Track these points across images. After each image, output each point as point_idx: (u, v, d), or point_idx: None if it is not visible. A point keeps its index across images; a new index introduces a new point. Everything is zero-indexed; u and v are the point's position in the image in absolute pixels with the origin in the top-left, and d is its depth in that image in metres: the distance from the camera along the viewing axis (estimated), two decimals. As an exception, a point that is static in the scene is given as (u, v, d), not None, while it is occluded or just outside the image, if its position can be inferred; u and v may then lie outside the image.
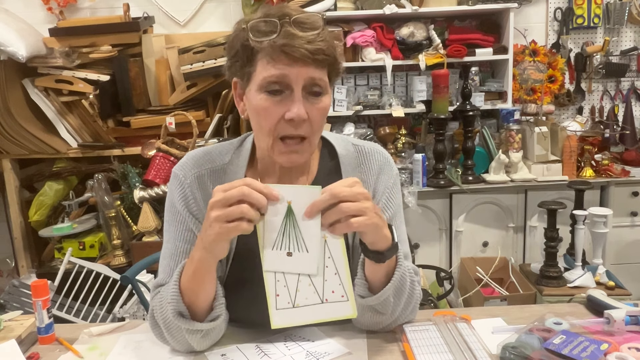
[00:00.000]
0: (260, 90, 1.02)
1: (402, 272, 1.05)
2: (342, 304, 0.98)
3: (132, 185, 2.77)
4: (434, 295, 2.66)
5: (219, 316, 1.05)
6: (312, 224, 0.96)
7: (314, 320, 0.99)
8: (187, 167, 1.16)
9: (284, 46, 0.97)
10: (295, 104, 1.00)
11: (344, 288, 0.98)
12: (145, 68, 2.99)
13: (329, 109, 1.08)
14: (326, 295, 0.98)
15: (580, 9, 3.29)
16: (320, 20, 1.01)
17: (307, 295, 0.98)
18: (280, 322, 0.98)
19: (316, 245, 0.96)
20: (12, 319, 1.20)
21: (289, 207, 0.96)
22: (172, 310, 1.01)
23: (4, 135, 2.85)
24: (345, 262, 0.98)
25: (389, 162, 1.21)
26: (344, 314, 0.99)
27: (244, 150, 1.17)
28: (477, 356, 0.99)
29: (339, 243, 0.97)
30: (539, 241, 2.57)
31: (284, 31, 0.98)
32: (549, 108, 3.19)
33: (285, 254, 0.97)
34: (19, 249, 3.02)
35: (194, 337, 1.03)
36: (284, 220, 0.96)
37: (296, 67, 0.99)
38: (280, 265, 0.97)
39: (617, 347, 0.98)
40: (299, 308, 0.98)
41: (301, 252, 0.97)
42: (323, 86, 1.04)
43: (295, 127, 1.02)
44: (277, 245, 0.97)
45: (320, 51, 0.99)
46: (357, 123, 3.24)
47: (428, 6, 3.03)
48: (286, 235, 0.96)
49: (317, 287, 0.98)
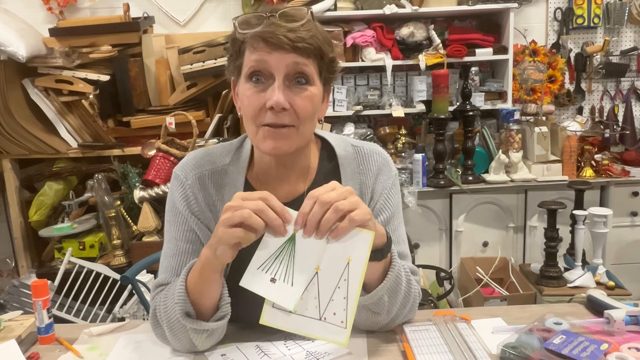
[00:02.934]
0: (246, 79, 1.04)
1: (396, 271, 1.05)
2: (338, 329, 0.96)
3: (132, 185, 2.77)
4: (434, 295, 2.65)
5: (225, 315, 1.05)
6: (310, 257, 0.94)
7: (303, 332, 0.97)
8: (188, 167, 1.16)
9: (264, 33, 0.99)
10: (274, 91, 1.00)
11: (346, 315, 0.96)
12: (145, 68, 2.99)
13: (317, 100, 1.06)
14: (326, 314, 0.96)
15: (580, 9, 3.29)
16: (307, 14, 1.02)
17: (308, 307, 0.96)
18: (269, 321, 0.97)
19: (303, 281, 0.95)
20: (12, 319, 1.20)
21: (294, 235, 0.94)
22: (179, 310, 1.01)
23: (4, 135, 2.85)
24: (357, 292, 0.96)
25: (387, 162, 1.21)
26: (335, 339, 0.96)
27: (244, 151, 1.18)
28: (477, 356, 0.99)
29: (360, 270, 0.95)
30: (539, 241, 2.57)
31: (268, 22, 1.00)
32: (549, 108, 3.19)
33: (269, 278, 0.94)
34: (19, 249, 3.02)
35: (199, 336, 1.03)
36: (283, 246, 0.95)
37: (276, 54, 0.99)
38: (258, 287, 0.94)
39: (617, 347, 0.98)
40: (295, 315, 0.96)
41: (285, 284, 0.94)
42: (308, 74, 1.03)
43: (277, 116, 1.02)
44: (265, 267, 0.95)
45: (301, 39, 0.99)
46: (357, 123, 3.24)
47: (428, 6, 3.04)
48: (277, 261, 0.95)
49: (321, 303, 0.96)
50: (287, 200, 1.14)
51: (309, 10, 1.03)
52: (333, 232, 0.93)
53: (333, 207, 0.92)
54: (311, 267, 0.95)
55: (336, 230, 0.93)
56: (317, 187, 0.95)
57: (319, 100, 1.07)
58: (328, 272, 0.96)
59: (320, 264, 0.95)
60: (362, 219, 0.94)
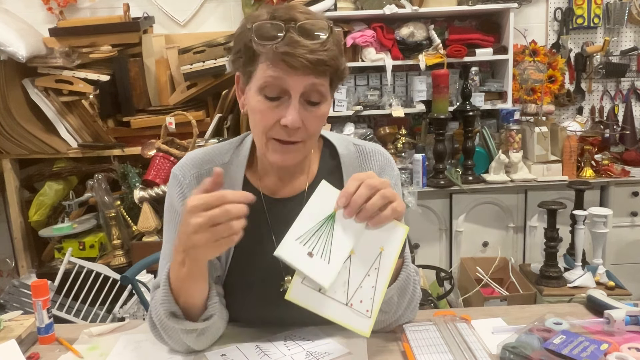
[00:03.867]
0: (259, 92, 1.01)
1: (407, 272, 1.06)
2: (363, 318, 0.95)
3: (132, 185, 2.77)
4: (434, 295, 2.65)
5: (212, 315, 1.04)
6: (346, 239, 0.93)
7: (328, 315, 0.95)
8: (186, 167, 1.15)
9: (285, 54, 0.96)
10: (290, 111, 0.99)
11: (372, 304, 0.95)
12: (145, 68, 2.99)
13: (327, 115, 1.07)
14: (353, 301, 0.95)
15: (580, 9, 3.29)
16: (327, 28, 0.99)
17: (337, 289, 0.95)
18: (296, 297, 0.94)
19: (339, 261, 0.93)
20: (12, 319, 1.20)
21: (334, 214, 0.94)
22: (164, 311, 1.01)
23: (4, 135, 2.85)
24: (386, 283, 0.95)
25: (390, 162, 1.21)
26: (358, 327, 0.95)
27: (243, 149, 1.17)
28: (477, 356, 0.99)
29: (390, 262, 0.95)
30: (539, 241, 2.57)
31: (288, 37, 0.96)
32: (549, 108, 3.19)
33: (307, 252, 0.93)
34: (19, 249, 3.02)
35: (189, 336, 1.03)
36: (323, 222, 0.94)
37: (295, 76, 0.97)
38: (294, 258, 0.92)
39: (617, 347, 0.98)
40: (322, 296, 0.94)
41: (323, 260, 0.93)
42: (323, 94, 1.02)
43: (288, 133, 1.01)
44: (303, 240, 0.93)
45: (322, 62, 0.97)
46: (357, 123, 3.24)
47: (428, 6, 3.04)
48: (316, 236, 0.93)
49: (350, 288, 0.95)
50: (287, 196, 1.15)
51: (329, 25, 1.00)
52: (374, 219, 0.93)
53: (380, 193, 0.92)
54: (346, 249, 0.94)
55: (378, 217, 0.93)
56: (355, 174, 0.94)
57: (328, 113, 1.07)
58: (361, 257, 0.95)
59: (355, 248, 0.95)
60: (402, 211, 0.94)
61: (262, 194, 1.14)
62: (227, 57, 2.87)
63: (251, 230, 1.10)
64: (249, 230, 0.94)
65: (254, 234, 1.11)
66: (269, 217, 1.13)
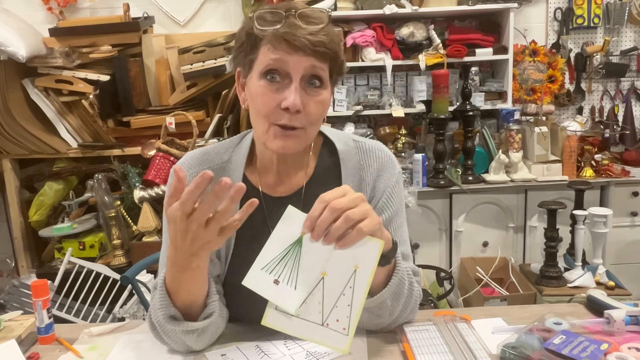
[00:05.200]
0: (260, 76, 1.03)
1: (400, 275, 1.04)
2: (340, 336, 0.95)
3: (132, 185, 2.77)
4: (434, 295, 2.66)
5: (213, 313, 1.04)
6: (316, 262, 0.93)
7: (304, 336, 0.96)
8: (185, 166, 1.15)
9: (286, 34, 0.99)
10: (291, 92, 1.00)
11: (349, 322, 0.95)
12: (145, 68, 2.99)
13: (328, 104, 1.07)
14: (329, 320, 0.95)
15: (580, 9, 3.29)
16: (326, 17, 1.03)
17: (311, 311, 0.95)
18: (272, 322, 0.95)
19: (307, 286, 0.94)
20: (12, 319, 1.20)
21: (300, 238, 0.93)
22: (162, 315, 1.01)
23: (4, 135, 2.85)
24: (362, 300, 0.94)
25: (391, 160, 1.20)
26: (337, 345, 0.95)
27: (243, 147, 1.17)
28: (477, 356, 0.99)
29: (366, 279, 0.94)
30: (539, 241, 2.57)
31: (288, 22, 0.99)
32: (549, 108, 3.19)
33: (272, 279, 0.93)
34: (19, 249, 3.02)
35: (190, 337, 1.03)
36: (290, 248, 0.93)
37: (296, 56, 1.00)
38: (260, 287, 0.93)
39: (617, 347, 0.98)
40: (297, 319, 0.95)
41: (289, 286, 0.93)
42: (323, 79, 1.04)
43: (289, 117, 1.02)
44: (269, 268, 0.93)
45: (322, 43, 1.00)
46: (357, 123, 3.24)
47: (428, 6, 3.04)
48: (282, 263, 0.93)
49: (325, 308, 0.95)
50: (285, 194, 1.15)
51: (328, 13, 1.04)
52: (340, 241, 0.92)
53: (344, 216, 0.90)
54: (317, 271, 0.94)
55: (344, 239, 0.91)
56: (329, 190, 0.92)
57: (328, 103, 1.08)
58: (334, 278, 0.94)
59: (327, 269, 0.94)
60: (370, 230, 0.92)
61: (261, 192, 1.15)
62: (227, 57, 2.88)
63: (250, 229, 1.10)
64: (248, 229, 0.94)
65: (253, 233, 1.11)
66: (268, 216, 1.13)
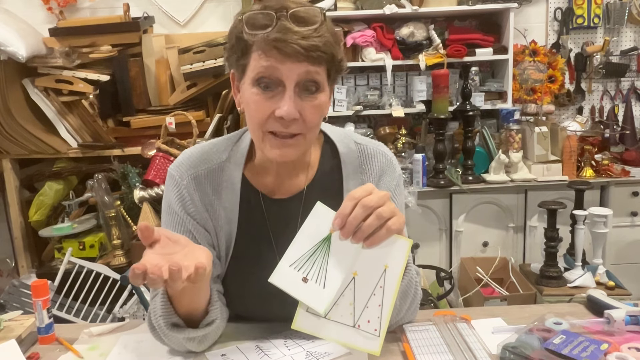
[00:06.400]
0: (253, 84, 0.99)
1: (410, 276, 1.05)
2: (372, 338, 0.93)
3: (132, 185, 2.77)
4: (434, 295, 2.66)
5: (215, 320, 1.04)
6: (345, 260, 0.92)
7: (336, 339, 0.94)
8: (183, 167, 1.12)
9: (276, 41, 0.93)
10: (285, 101, 0.96)
11: (380, 323, 0.93)
12: (145, 68, 2.99)
13: (326, 106, 1.03)
14: (360, 322, 0.94)
15: (580, 9, 3.29)
16: (320, 15, 0.97)
17: (343, 313, 0.94)
18: (302, 326, 0.93)
19: (336, 285, 0.92)
20: (12, 319, 1.20)
21: (329, 235, 0.92)
22: (164, 322, 1.00)
23: (4, 135, 2.85)
24: (393, 300, 0.93)
25: (391, 163, 1.18)
26: (368, 347, 0.93)
27: (241, 146, 1.14)
28: (477, 356, 0.99)
29: (396, 278, 0.93)
30: (539, 241, 2.57)
31: (279, 25, 0.94)
32: (549, 108, 3.19)
33: (301, 277, 0.91)
34: (19, 249, 3.02)
35: (192, 343, 1.03)
36: (319, 246, 0.92)
37: (288, 63, 0.94)
38: (288, 285, 0.91)
39: (617, 347, 0.98)
40: (328, 321, 0.93)
41: (318, 285, 0.92)
42: (319, 83, 0.99)
43: (285, 125, 0.98)
44: (297, 266, 0.92)
45: (315, 47, 0.94)
46: (357, 123, 3.24)
47: (428, 6, 3.04)
48: (311, 261, 0.92)
49: (356, 309, 0.94)
50: (286, 196, 1.13)
51: (322, 12, 0.98)
52: (369, 240, 0.91)
53: (375, 213, 0.90)
54: (347, 271, 0.93)
55: (373, 237, 0.91)
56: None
57: (326, 105, 1.03)
58: (364, 278, 0.94)
59: (357, 269, 0.93)
60: (398, 228, 0.92)
61: (260, 194, 1.13)
62: (227, 57, 2.87)
63: (250, 230, 1.10)
64: (248, 231, 0.93)
65: (253, 234, 1.11)
66: (268, 218, 1.12)
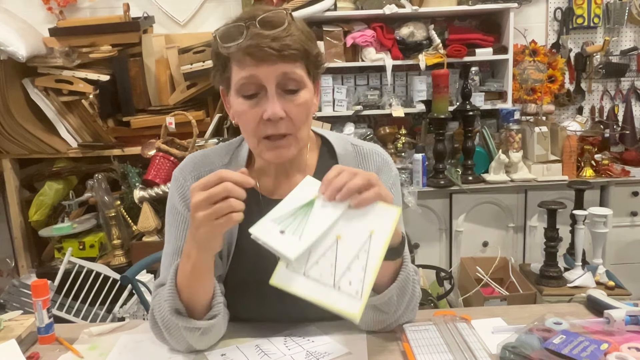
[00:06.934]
0: (238, 94, 1.04)
1: (407, 272, 1.06)
2: (352, 299, 0.91)
3: (132, 185, 2.77)
4: (434, 295, 2.66)
5: (217, 315, 1.05)
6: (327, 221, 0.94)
7: (313, 298, 0.92)
8: (186, 169, 1.18)
9: (249, 47, 0.99)
10: (269, 103, 1.01)
11: (362, 287, 0.92)
12: (145, 68, 2.99)
13: (311, 103, 1.08)
14: (341, 283, 0.92)
15: (580, 9, 3.29)
16: (286, 16, 1.02)
17: (323, 272, 0.93)
18: (280, 282, 0.93)
19: (311, 238, 0.94)
20: (12, 319, 1.20)
21: (313, 200, 0.96)
22: (168, 307, 1.02)
23: (4, 135, 2.85)
24: (377, 265, 0.93)
25: (387, 163, 1.21)
26: (348, 309, 0.91)
27: (242, 150, 1.19)
28: (477, 356, 0.99)
29: (382, 244, 0.93)
30: (539, 241, 2.57)
31: (250, 32, 0.99)
32: (549, 108, 3.19)
33: (279, 230, 0.94)
34: (19, 249, 3.02)
35: (192, 335, 1.04)
36: (301, 207, 0.96)
37: (264, 67, 1.00)
38: (265, 235, 0.94)
39: (617, 347, 0.98)
40: (307, 279, 0.93)
41: (293, 236, 0.94)
42: (298, 80, 1.04)
43: (275, 126, 1.03)
44: (278, 220, 0.95)
45: (287, 46, 0.99)
46: (357, 123, 3.24)
47: (428, 6, 3.03)
48: (292, 218, 0.95)
49: (337, 270, 0.93)
50: (285, 196, 1.15)
51: (287, 12, 1.03)
52: (357, 200, 0.94)
53: (361, 175, 0.94)
54: (326, 230, 0.95)
55: (360, 197, 0.94)
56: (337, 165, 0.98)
57: (311, 101, 1.08)
58: (348, 241, 0.95)
59: (342, 233, 0.95)
60: (386, 194, 0.95)
61: (260, 195, 1.16)
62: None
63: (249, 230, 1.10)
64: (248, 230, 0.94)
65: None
66: None
